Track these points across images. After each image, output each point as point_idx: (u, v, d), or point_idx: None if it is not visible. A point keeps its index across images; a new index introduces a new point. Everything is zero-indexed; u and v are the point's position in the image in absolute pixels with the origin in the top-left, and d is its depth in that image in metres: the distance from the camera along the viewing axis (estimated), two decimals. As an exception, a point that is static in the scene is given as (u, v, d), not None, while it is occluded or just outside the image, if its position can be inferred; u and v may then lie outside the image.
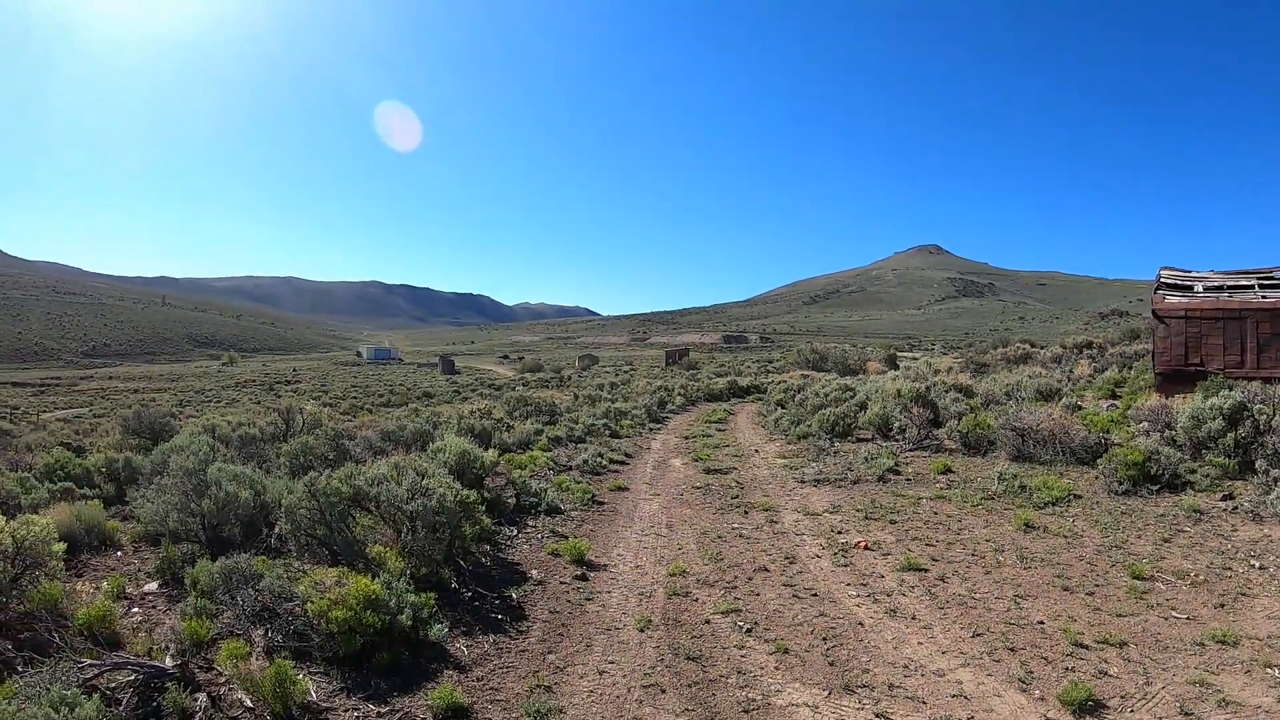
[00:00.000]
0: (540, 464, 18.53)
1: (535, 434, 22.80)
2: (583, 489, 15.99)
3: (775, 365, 77.05)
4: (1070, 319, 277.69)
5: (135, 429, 23.97)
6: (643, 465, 20.24)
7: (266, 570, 9.07)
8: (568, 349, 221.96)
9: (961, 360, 46.98)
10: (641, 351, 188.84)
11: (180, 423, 27.45)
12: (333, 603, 7.78)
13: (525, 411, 30.53)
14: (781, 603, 9.80)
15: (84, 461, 17.50)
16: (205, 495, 11.11)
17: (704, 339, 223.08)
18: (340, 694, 7.35)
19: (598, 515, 14.64)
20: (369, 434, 19.39)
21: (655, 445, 23.98)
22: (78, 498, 14.41)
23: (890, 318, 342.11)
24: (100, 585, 9.92)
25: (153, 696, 6.82)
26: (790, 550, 11.98)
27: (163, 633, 8.29)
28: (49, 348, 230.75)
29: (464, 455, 13.90)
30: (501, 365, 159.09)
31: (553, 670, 8.01)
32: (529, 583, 10.63)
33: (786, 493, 16.14)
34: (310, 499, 10.07)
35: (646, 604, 9.85)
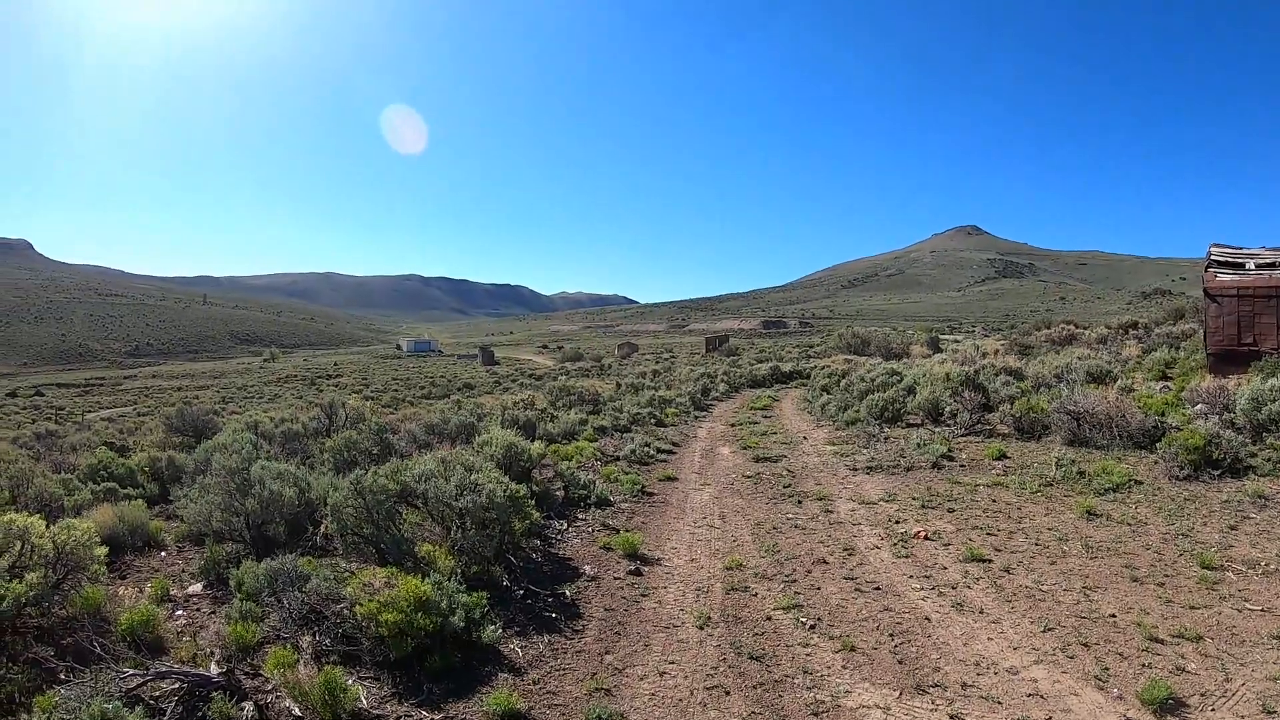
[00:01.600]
0: (587, 455, 18.24)
1: (580, 424, 22.51)
2: (631, 480, 15.68)
3: (816, 350, 76.70)
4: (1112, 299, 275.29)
5: (178, 427, 23.95)
6: (691, 454, 19.91)
7: (313, 571, 8.86)
8: (607, 338, 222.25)
9: (1005, 342, 46.44)
10: (681, 339, 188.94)
11: (223, 420, 27.45)
12: (383, 605, 7.55)
13: (568, 401, 30.33)
14: (844, 597, 9.49)
15: (127, 461, 17.45)
16: (249, 494, 10.94)
17: (743, 325, 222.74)
18: (391, 700, 7.13)
19: (648, 507, 14.34)
20: (413, 427, 19.22)
21: (701, 433, 23.64)
22: (121, 498, 14.32)
23: (929, 300, 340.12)
24: (144, 588, 9.81)
25: (198, 706, 6.64)
26: (848, 541, 11.65)
27: (207, 637, 8.15)
28: (93, 348, 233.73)
29: (511, 448, 13.67)
30: (541, 355, 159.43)
31: (611, 672, 7.74)
32: (582, 579, 10.36)
33: (839, 481, 15.79)
34: (356, 497, 9.86)
35: (704, 600, 9.56)
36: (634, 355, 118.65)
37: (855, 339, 60.85)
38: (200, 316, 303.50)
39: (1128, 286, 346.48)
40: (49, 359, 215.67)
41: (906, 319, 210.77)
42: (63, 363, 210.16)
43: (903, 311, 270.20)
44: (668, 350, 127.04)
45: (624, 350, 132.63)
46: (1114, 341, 37.73)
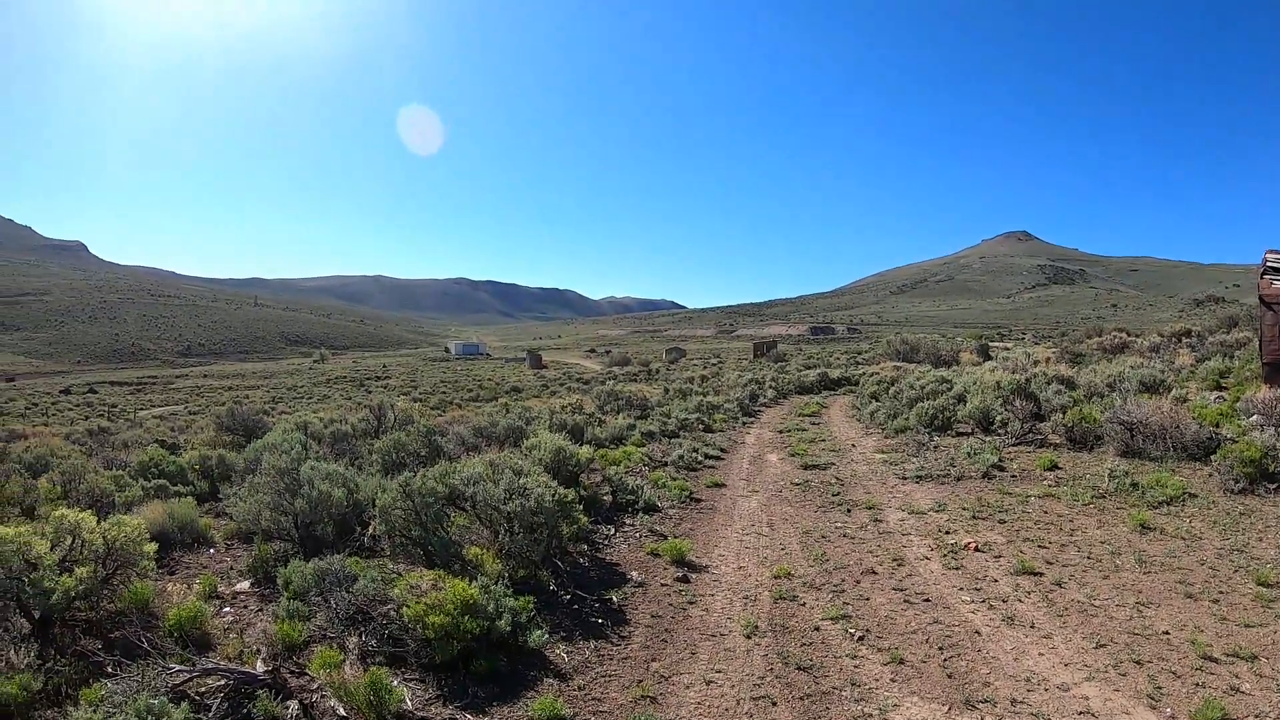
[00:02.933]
0: (635, 460, 18.17)
1: (628, 429, 22.45)
2: (679, 485, 15.60)
3: (865, 356, 76.35)
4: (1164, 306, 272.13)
5: (229, 426, 24.20)
6: (738, 460, 19.76)
7: (361, 572, 8.89)
8: (654, 342, 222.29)
9: (1056, 350, 45.98)
10: (728, 344, 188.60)
11: (273, 420, 27.68)
12: (430, 607, 7.55)
13: (616, 406, 30.31)
14: (893, 608, 9.36)
15: (178, 459, 17.62)
16: (298, 494, 11.02)
17: (791, 330, 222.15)
18: (436, 702, 7.12)
19: (696, 513, 14.24)
20: (461, 430, 19.27)
21: (749, 439, 23.49)
22: (171, 495, 14.49)
23: (979, 307, 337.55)
24: (192, 585, 9.90)
25: (243, 703, 6.69)
26: (897, 551, 11.51)
27: (254, 635, 8.20)
28: (146, 348, 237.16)
29: (559, 452, 13.66)
30: (588, 359, 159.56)
31: (657, 679, 7.68)
32: (629, 585, 10.29)
33: (888, 490, 15.62)
34: (405, 499, 9.88)
35: (752, 608, 9.47)
36: (681, 360, 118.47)
37: (904, 345, 60.42)
38: (251, 318, 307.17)
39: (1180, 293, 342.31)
40: (102, 357, 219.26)
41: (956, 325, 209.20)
42: (116, 361, 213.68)
43: (952, 318, 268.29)
44: (715, 355, 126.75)
45: (671, 355, 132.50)
46: (1166, 350, 37.22)
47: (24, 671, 6.94)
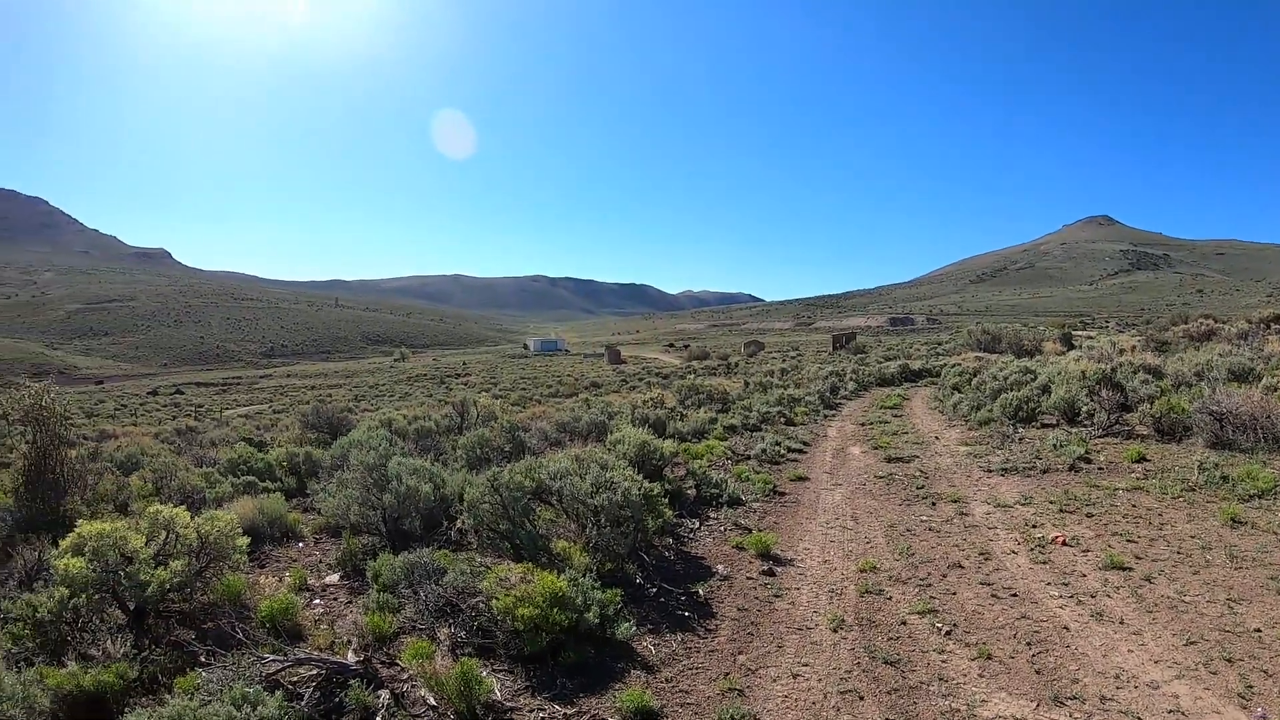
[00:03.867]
0: (717, 453, 18.17)
1: (709, 423, 22.44)
2: (763, 479, 15.55)
3: (945, 347, 75.50)
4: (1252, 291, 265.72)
5: (314, 424, 24.53)
6: (821, 454, 19.67)
7: (449, 565, 9.02)
8: (733, 336, 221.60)
9: (1141, 338, 45.15)
10: (807, 336, 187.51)
11: (356, 417, 28.00)
12: (518, 600, 7.64)
13: (697, 400, 30.26)
14: (980, 603, 9.26)
15: (266, 456, 17.90)
16: (386, 489, 11.19)
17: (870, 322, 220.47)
18: (525, 693, 7.20)
19: (780, 507, 14.19)
20: (544, 425, 19.39)
21: (831, 432, 23.37)
22: (260, 491, 14.76)
23: (1060, 294, 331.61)
24: (282, 577, 10.13)
25: (335, 692, 6.84)
26: (984, 545, 11.37)
27: (345, 626, 8.35)
28: (230, 349, 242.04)
29: (643, 446, 13.70)
30: (667, 354, 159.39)
31: (744, 672, 7.67)
32: (715, 578, 10.29)
33: (973, 482, 15.45)
34: (493, 493, 9.99)
35: (838, 602, 9.42)
36: (760, 353, 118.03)
37: (985, 335, 59.67)
38: (332, 318, 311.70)
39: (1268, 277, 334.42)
40: (188, 359, 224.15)
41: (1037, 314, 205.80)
42: (201, 363, 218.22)
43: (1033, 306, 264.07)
44: (794, 348, 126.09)
45: (750, 348, 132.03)
46: (1256, 337, 36.26)
47: (120, 660, 7.16)
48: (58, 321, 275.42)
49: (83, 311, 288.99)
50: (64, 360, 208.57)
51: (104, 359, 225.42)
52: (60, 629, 7.73)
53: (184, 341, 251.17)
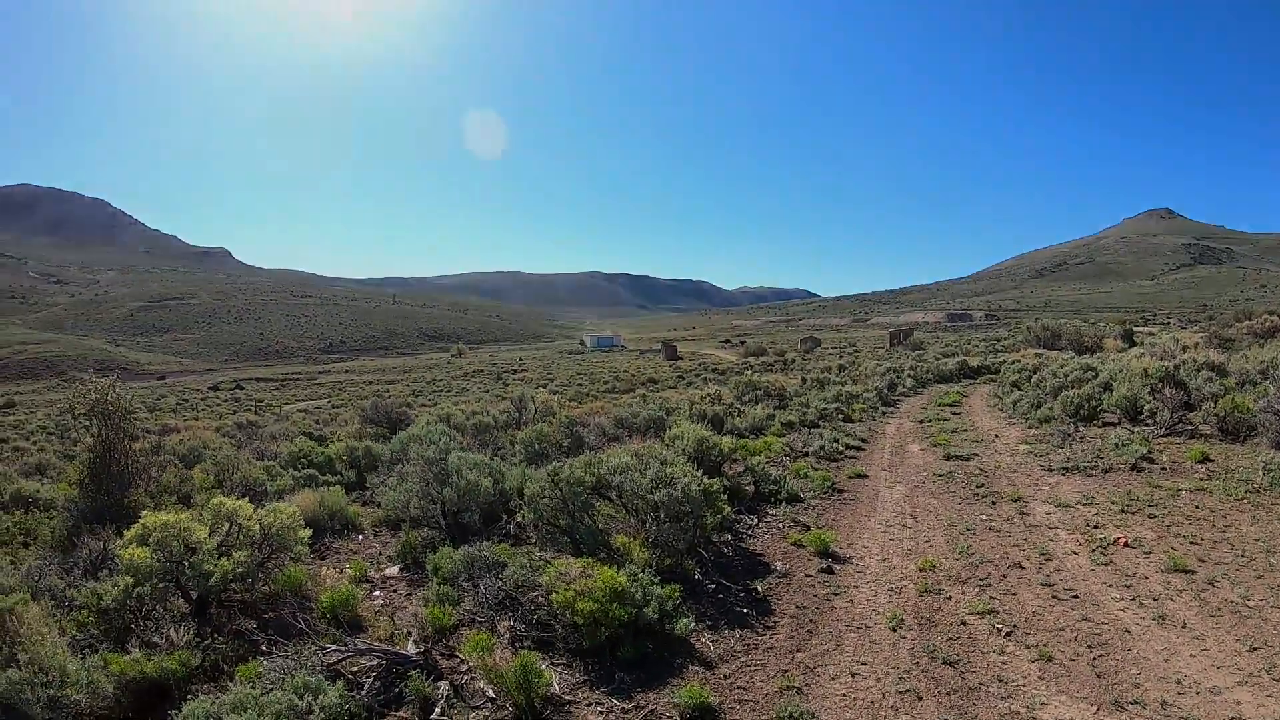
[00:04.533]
0: (775, 450, 18.09)
1: (767, 419, 22.37)
2: (821, 476, 15.50)
3: (1004, 344, 74.87)
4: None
5: (373, 418, 24.79)
6: (879, 451, 19.57)
7: (509, 559, 9.06)
8: (789, 332, 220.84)
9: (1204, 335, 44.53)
10: (864, 332, 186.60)
11: (415, 412, 28.22)
12: (579, 594, 7.67)
13: (754, 396, 30.18)
14: (1040, 604, 9.17)
15: (325, 450, 18.10)
16: (446, 483, 11.27)
17: (927, 318, 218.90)
18: (583, 687, 7.25)
19: (838, 504, 14.15)
20: (601, 421, 19.41)
21: (889, 430, 23.21)
22: (320, 484, 14.97)
23: (1121, 290, 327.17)
24: (343, 569, 10.23)
25: (395, 683, 6.94)
26: (1044, 545, 11.24)
27: (404, 618, 8.43)
28: (289, 345, 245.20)
29: (702, 442, 13.69)
30: (723, 350, 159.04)
31: (802, 670, 7.66)
32: (773, 575, 10.27)
33: (1033, 481, 15.28)
34: (553, 488, 10.04)
35: (897, 601, 9.38)
36: (817, 350, 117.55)
37: (1044, 332, 59.04)
38: (390, 315, 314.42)
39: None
40: (248, 356, 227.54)
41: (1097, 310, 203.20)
42: (260, 359, 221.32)
43: (1093, 302, 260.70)
44: (851, 344, 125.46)
45: (807, 345, 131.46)
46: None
47: (183, 648, 7.30)
48: (120, 319, 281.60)
49: (145, 309, 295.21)
50: (126, 356, 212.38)
51: (165, 355, 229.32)
52: (124, 617, 7.91)
53: (244, 338, 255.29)
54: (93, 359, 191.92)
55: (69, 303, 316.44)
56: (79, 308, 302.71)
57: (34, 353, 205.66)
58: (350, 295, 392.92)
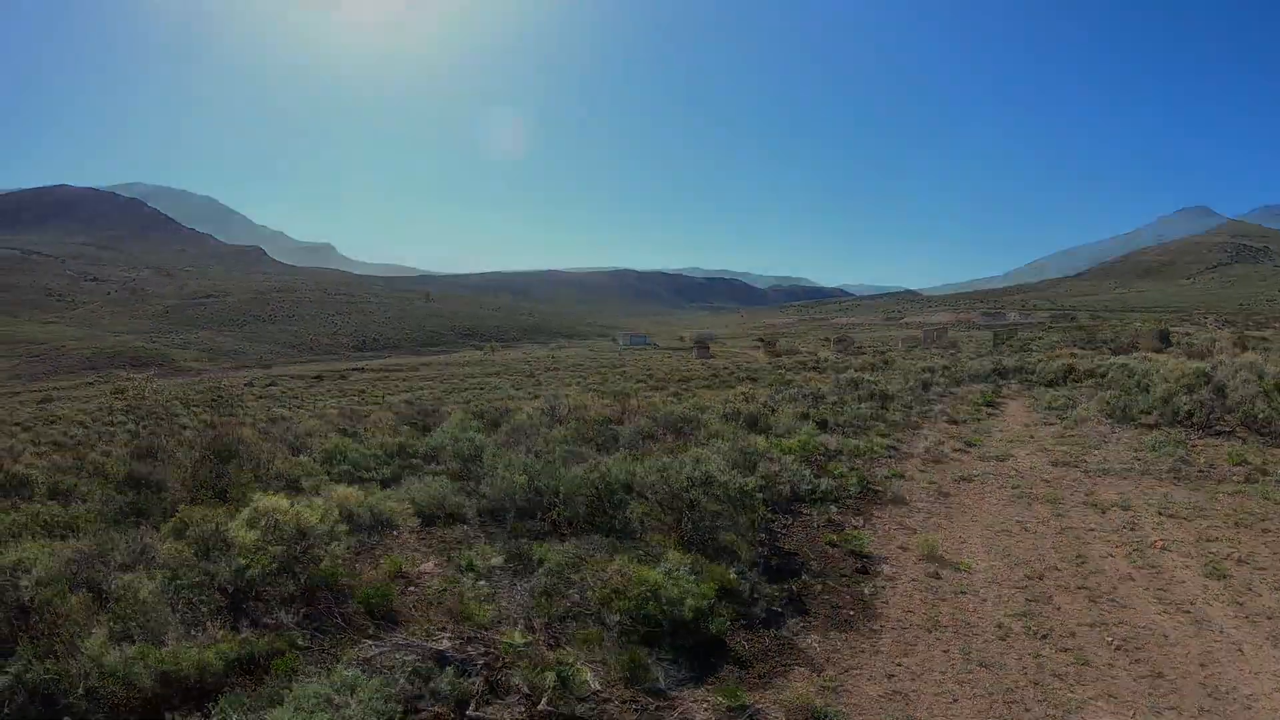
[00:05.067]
0: (810, 450, 18.09)
1: (801, 418, 22.34)
2: (857, 476, 15.43)
3: (1039, 343, 74.70)
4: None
5: (408, 415, 24.85)
6: (914, 451, 19.44)
7: (546, 556, 9.12)
8: (822, 331, 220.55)
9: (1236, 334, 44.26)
10: (897, 332, 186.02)
11: (449, 409, 28.34)
12: (614, 592, 7.70)
13: (788, 395, 30.16)
14: (1077, 607, 9.17)
15: (361, 446, 18.18)
16: (482, 480, 11.35)
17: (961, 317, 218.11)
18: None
19: (874, 504, 14.11)
20: (636, 419, 19.38)
21: (925, 430, 23.11)
22: (356, 480, 15.01)
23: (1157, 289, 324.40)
24: (379, 564, 10.27)
25: (431, 677, 6.93)
26: (1081, 548, 11.22)
27: (440, 613, 8.46)
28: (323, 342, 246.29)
29: (736, 441, 13.71)
30: (756, 348, 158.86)
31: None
32: (807, 574, 10.30)
33: (1069, 483, 15.20)
34: (590, 486, 10.09)
35: (932, 601, 9.42)
36: (850, 348, 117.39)
37: (1080, 331, 58.88)
38: (423, 312, 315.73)
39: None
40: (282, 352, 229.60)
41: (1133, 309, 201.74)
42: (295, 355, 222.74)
43: (1129, 301, 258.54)
44: (884, 344, 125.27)
45: (840, 343, 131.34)
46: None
47: (221, 642, 7.36)
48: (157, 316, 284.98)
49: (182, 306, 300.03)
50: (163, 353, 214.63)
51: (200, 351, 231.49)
52: (161, 612, 7.98)
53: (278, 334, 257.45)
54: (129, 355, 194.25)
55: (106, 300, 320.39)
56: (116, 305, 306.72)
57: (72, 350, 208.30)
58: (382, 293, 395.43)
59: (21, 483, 16.46)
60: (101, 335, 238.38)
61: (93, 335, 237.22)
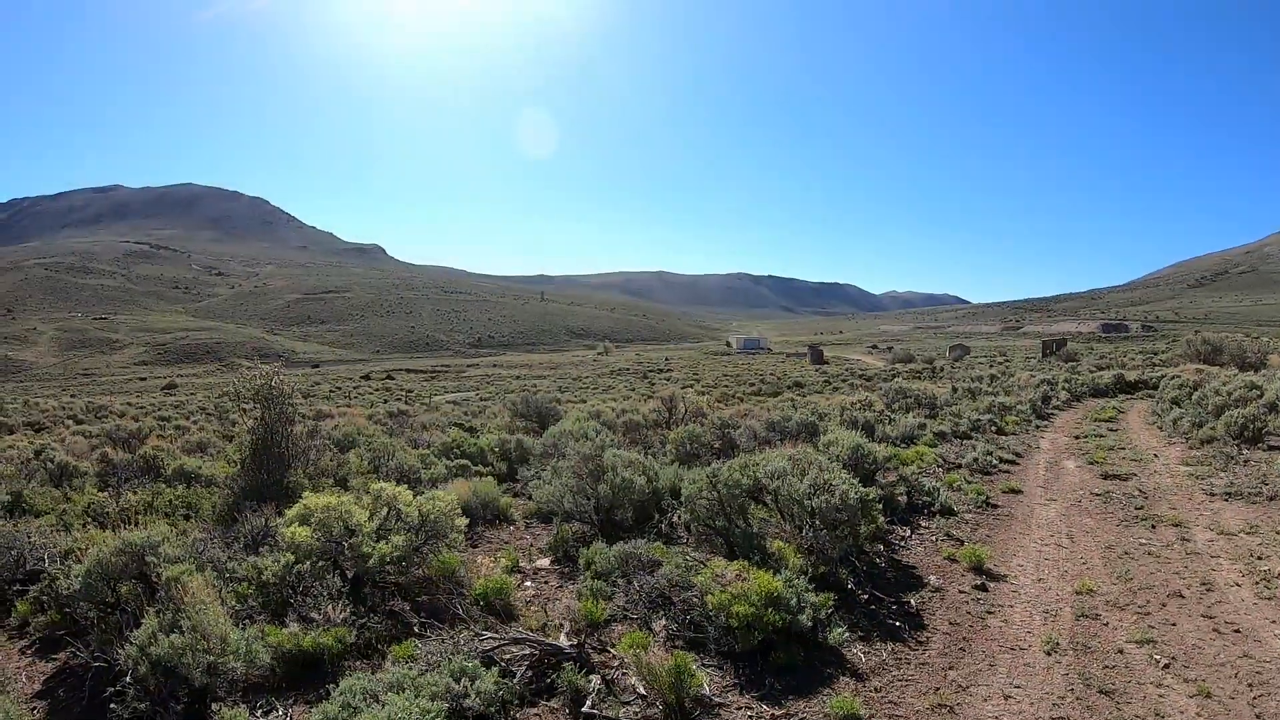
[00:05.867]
0: (928, 460, 17.81)
1: (918, 428, 22.01)
2: (975, 489, 15.19)
3: (1162, 357, 72.74)
4: None
5: (523, 412, 25.14)
6: (1033, 466, 19.03)
7: (663, 558, 9.15)
8: (937, 339, 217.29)
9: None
10: (1014, 341, 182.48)
11: (563, 408, 28.53)
12: (734, 597, 7.67)
13: (904, 404, 29.80)
14: (1200, 636, 8.76)
15: (478, 441, 18.44)
16: (601, 479, 11.44)
17: (1080, 328, 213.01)
18: (733, 690, 7.24)
19: (992, 519, 13.81)
20: (753, 424, 19.34)
21: (1044, 444, 22.57)
22: (472, 474, 15.27)
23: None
24: (496, 558, 10.46)
25: (546, 673, 7.07)
26: (1205, 575, 10.72)
27: (556, 610, 8.59)
28: (439, 339, 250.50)
29: (857, 449, 13.58)
30: (870, 355, 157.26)
31: (954, 689, 7.49)
32: (926, 589, 10.10)
33: (1194, 506, 14.66)
34: (711, 489, 10.09)
35: (1052, 623, 9.11)
36: (966, 358, 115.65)
37: (1205, 346, 57.04)
38: (538, 312, 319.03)
39: None
40: (399, 348, 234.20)
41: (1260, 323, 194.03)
42: (411, 351, 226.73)
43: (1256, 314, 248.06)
44: (1001, 353, 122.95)
45: (955, 352, 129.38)
46: None
47: (339, 625, 7.59)
48: (278, 310, 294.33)
49: (301, 301, 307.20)
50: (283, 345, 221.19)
51: (319, 345, 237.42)
52: (283, 592, 8.32)
53: (395, 330, 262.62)
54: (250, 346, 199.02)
55: (229, 294, 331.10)
56: (239, 299, 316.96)
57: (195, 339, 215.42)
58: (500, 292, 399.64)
59: (149, 464, 16.99)
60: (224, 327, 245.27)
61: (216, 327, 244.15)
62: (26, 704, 7.27)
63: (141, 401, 71.95)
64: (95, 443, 24.97)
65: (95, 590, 7.99)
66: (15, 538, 10.08)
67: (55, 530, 10.84)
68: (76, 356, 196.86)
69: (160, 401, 71.13)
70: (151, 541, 8.25)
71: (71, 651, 7.84)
